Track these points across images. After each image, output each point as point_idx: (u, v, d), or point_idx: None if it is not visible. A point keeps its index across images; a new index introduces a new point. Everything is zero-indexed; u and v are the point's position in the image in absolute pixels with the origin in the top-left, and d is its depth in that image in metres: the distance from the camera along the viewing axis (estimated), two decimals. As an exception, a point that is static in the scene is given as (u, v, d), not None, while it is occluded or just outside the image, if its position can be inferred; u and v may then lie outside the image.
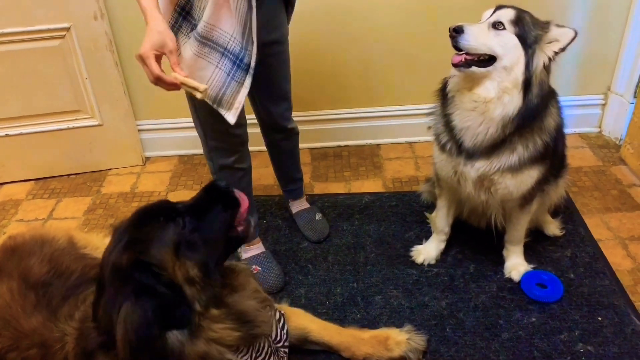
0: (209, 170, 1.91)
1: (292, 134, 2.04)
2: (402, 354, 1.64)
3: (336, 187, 2.50)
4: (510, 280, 1.92)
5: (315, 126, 2.73)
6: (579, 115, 2.66)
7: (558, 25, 1.55)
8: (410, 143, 2.77)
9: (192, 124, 1.79)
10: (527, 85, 1.55)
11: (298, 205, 2.24)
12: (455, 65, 1.59)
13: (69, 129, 2.60)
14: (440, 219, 2.00)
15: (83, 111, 2.58)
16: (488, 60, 1.55)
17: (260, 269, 1.96)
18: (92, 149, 2.67)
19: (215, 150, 1.79)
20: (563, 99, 1.74)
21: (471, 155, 1.68)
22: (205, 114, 1.70)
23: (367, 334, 1.68)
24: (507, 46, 1.53)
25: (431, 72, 1.89)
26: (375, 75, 2.61)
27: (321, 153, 2.75)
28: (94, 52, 2.44)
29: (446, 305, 1.84)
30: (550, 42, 1.54)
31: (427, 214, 2.21)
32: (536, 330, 1.73)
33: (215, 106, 1.60)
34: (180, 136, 2.73)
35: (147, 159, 2.78)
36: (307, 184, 2.51)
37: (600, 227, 2.13)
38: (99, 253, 1.66)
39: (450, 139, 1.72)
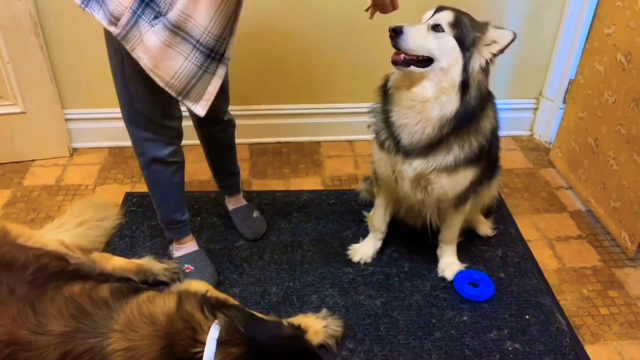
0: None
1: (229, 126, 1.98)
2: (320, 342, 1.65)
3: (275, 184, 2.45)
4: (443, 279, 1.95)
5: (255, 121, 2.67)
6: (512, 118, 2.74)
7: (496, 27, 1.56)
8: (350, 141, 2.76)
9: (123, 115, 1.70)
10: (464, 86, 1.56)
11: (235, 202, 2.18)
12: (394, 63, 1.58)
13: (-13, 115, 2.42)
14: (378, 218, 2.00)
15: (4, 97, 2.40)
16: (427, 60, 1.56)
17: (192, 268, 1.89)
18: (14, 138, 2.49)
19: (149, 142, 1.70)
20: (497, 102, 1.78)
21: (408, 153, 1.68)
22: (142, 105, 1.61)
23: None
24: (444, 48, 1.54)
25: (372, 71, 1.88)
26: (316, 72, 2.59)
27: (260, 149, 2.69)
28: (17, 34, 2.27)
29: (381, 304, 1.85)
30: (488, 44, 1.56)
31: (364, 213, 2.20)
32: (467, 329, 1.76)
33: (180, 98, 1.52)
34: (111, 127, 2.59)
35: (75, 150, 2.63)
36: (245, 180, 2.45)
37: (530, 227, 2.21)
38: (33, 243, 1.64)
39: (389, 136, 1.72)
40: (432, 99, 1.57)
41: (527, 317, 1.81)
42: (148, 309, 1.33)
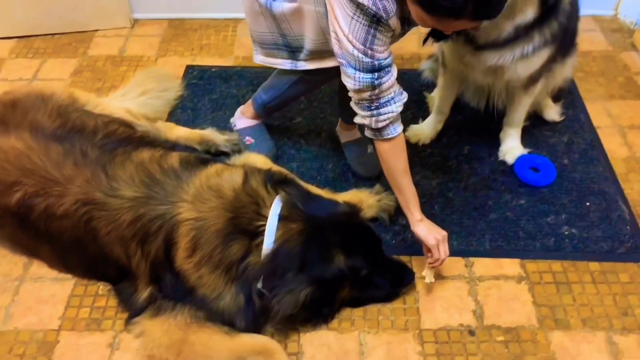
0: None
1: None
2: (374, 216, 1.70)
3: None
4: (504, 163, 1.91)
5: None
6: (596, -5, 2.49)
7: None
8: (414, 17, 2.61)
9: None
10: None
11: (348, 135, 1.95)
12: None
13: (51, -17, 2.41)
14: (441, 98, 1.94)
15: (66, -36, 2.38)
16: None
17: (253, 140, 1.93)
18: (77, 7, 2.49)
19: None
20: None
21: (481, 47, 1.58)
22: None
23: (341, 197, 1.69)
24: None
25: None
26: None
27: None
28: None
29: (436, 185, 1.85)
30: None
31: (426, 94, 2.14)
32: (524, 212, 1.75)
33: (254, 41, 1.71)
34: (171, -2, 2.55)
35: (136, 21, 2.62)
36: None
37: (601, 114, 2.09)
38: (100, 110, 1.72)
39: None
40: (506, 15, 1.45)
41: (587, 203, 1.77)
42: (216, 182, 1.39)
